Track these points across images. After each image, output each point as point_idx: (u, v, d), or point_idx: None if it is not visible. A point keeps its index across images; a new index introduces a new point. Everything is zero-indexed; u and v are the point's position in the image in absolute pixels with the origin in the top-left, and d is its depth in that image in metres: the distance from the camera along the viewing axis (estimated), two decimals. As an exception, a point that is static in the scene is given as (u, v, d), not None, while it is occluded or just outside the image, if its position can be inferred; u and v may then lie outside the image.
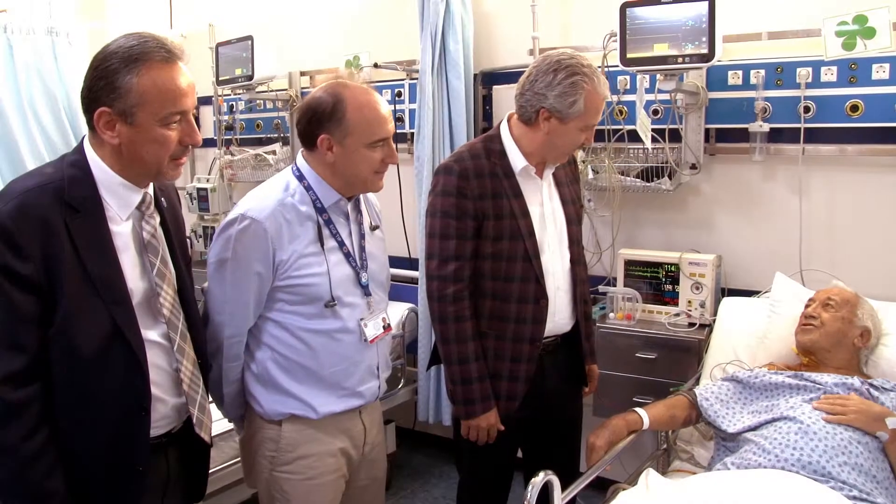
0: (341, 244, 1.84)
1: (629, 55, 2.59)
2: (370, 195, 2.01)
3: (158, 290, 1.52)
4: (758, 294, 2.67)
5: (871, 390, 1.97)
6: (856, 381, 1.99)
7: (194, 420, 1.60)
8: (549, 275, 2.09)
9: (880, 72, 2.50)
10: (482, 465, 2.22)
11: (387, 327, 1.92)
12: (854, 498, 1.72)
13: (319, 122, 1.75)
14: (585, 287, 2.28)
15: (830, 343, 2.12)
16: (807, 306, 2.25)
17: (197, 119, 1.53)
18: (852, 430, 1.85)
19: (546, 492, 1.65)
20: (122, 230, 1.48)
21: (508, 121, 2.11)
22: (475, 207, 2.02)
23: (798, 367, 2.17)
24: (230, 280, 1.75)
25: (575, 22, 3.12)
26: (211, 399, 1.80)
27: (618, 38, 2.61)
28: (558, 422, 2.26)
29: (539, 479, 1.61)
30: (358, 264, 1.86)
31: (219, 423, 2.16)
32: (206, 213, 4.16)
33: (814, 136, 2.65)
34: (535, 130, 2.03)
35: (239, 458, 2.30)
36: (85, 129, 1.49)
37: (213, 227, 4.07)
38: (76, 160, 1.46)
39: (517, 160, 2.07)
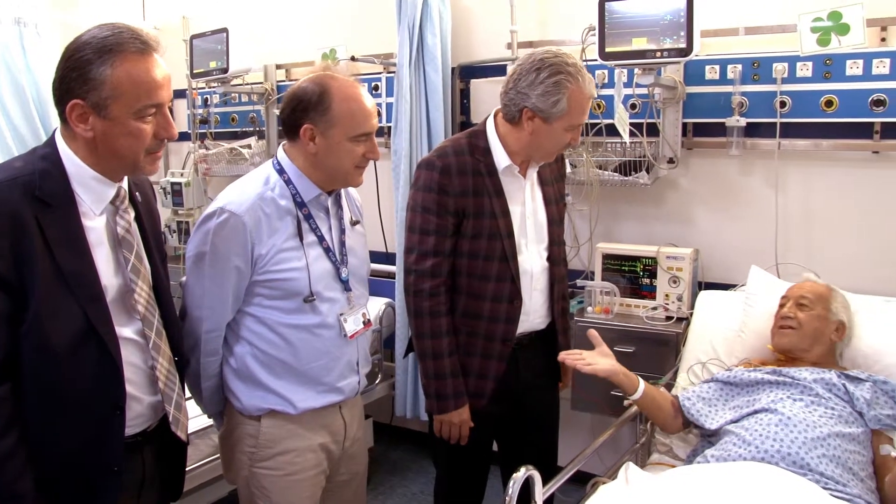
0: (321, 239, 1.82)
1: (607, 49, 2.59)
2: (351, 190, 1.99)
3: (133, 286, 1.50)
4: (734, 287, 2.69)
5: (847, 384, 1.99)
6: (833, 375, 2.01)
7: (170, 418, 1.58)
8: (525, 275, 2.09)
9: (854, 68, 2.53)
10: (458, 460, 2.22)
11: (367, 323, 1.91)
12: (829, 489, 1.74)
13: (304, 110, 1.73)
14: (564, 285, 2.27)
15: (808, 343, 2.12)
16: (781, 304, 2.23)
17: (171, 112, 1.50)
18: (832, 423, 1.87)
19: (525, 487, 1.64)
20: (95, 225, 1.45)
21: (495, 118, 2.09)
22: (455, 204, 2.01)
23: (775, 363, 2.18)
24: (208, 274, 1.73)
25: (553, 16, 3.12)
26: (189, 395, 1.78)
27: (596, 32, 2.61)
28: (532, 416, 2.25)
29: (520, 475, 1.60)
30: (338, 259, 1.85)
31: (195, 421, 2.14)
32: (179, 208, 4.10)
33: (789, 131, 2.67)
34: (519, 130, 2.01)
35: (216, 456, 2.29)
36: (55, 122, 1.46)
37: (187, 222, 4.02)
38: (47, 153, 1.43)
39: (501, 158, 2.05)
